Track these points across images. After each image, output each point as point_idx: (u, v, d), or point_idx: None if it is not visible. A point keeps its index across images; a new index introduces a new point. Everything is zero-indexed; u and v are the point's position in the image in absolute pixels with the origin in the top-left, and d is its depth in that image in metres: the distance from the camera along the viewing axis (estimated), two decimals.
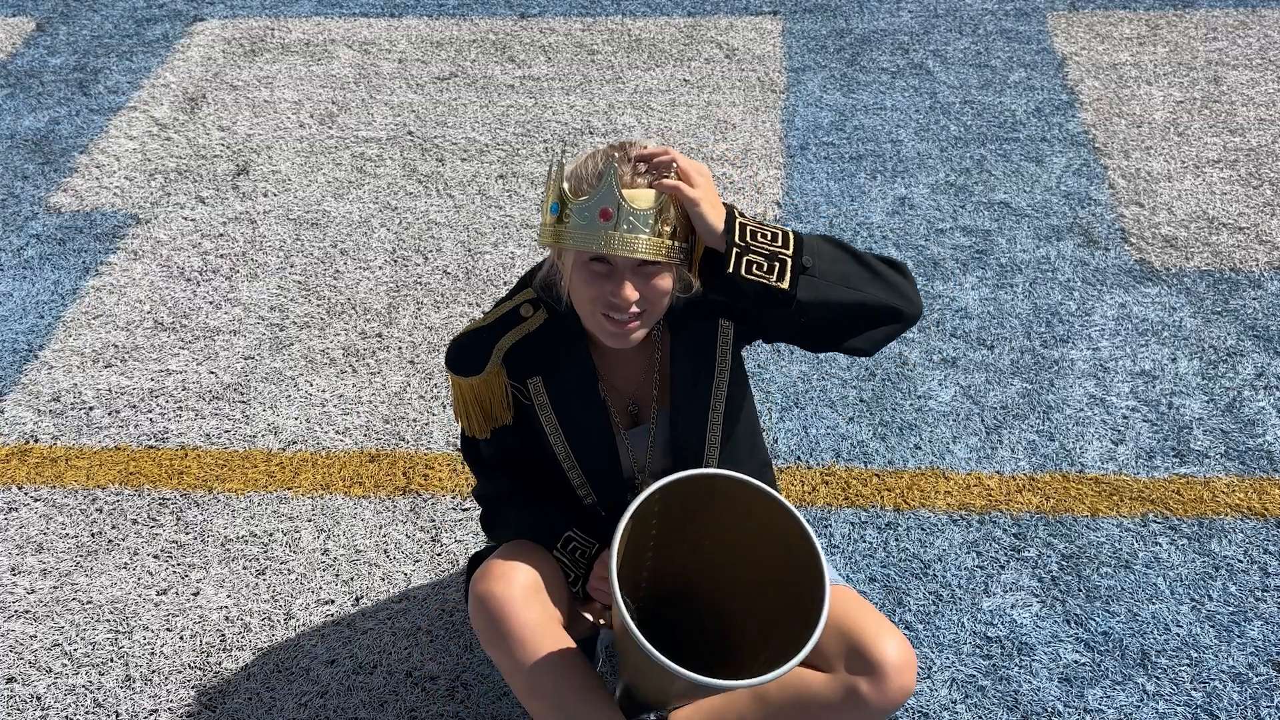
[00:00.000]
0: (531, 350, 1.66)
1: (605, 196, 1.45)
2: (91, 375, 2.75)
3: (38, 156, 3.57)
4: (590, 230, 1.46)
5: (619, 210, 1.45)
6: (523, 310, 1.66)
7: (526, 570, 1.65)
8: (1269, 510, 2.27)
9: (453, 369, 1.68)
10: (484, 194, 3.27)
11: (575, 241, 1.48)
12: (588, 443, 1.72)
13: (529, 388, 1.68)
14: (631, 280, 1.50)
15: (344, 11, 4.24)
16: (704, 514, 1.54)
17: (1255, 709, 1.94)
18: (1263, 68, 3.63)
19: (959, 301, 2.81)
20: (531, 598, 1.63)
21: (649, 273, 1.51)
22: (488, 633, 1.63)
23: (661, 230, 1.47)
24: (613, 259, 1.49)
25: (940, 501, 2.32)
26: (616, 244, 1.45)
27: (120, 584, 2.26)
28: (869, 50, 3.83)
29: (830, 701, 1.60)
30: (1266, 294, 2.79)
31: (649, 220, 1.46)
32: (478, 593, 1.64)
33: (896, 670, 1.58)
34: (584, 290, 1.53)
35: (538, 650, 1.61)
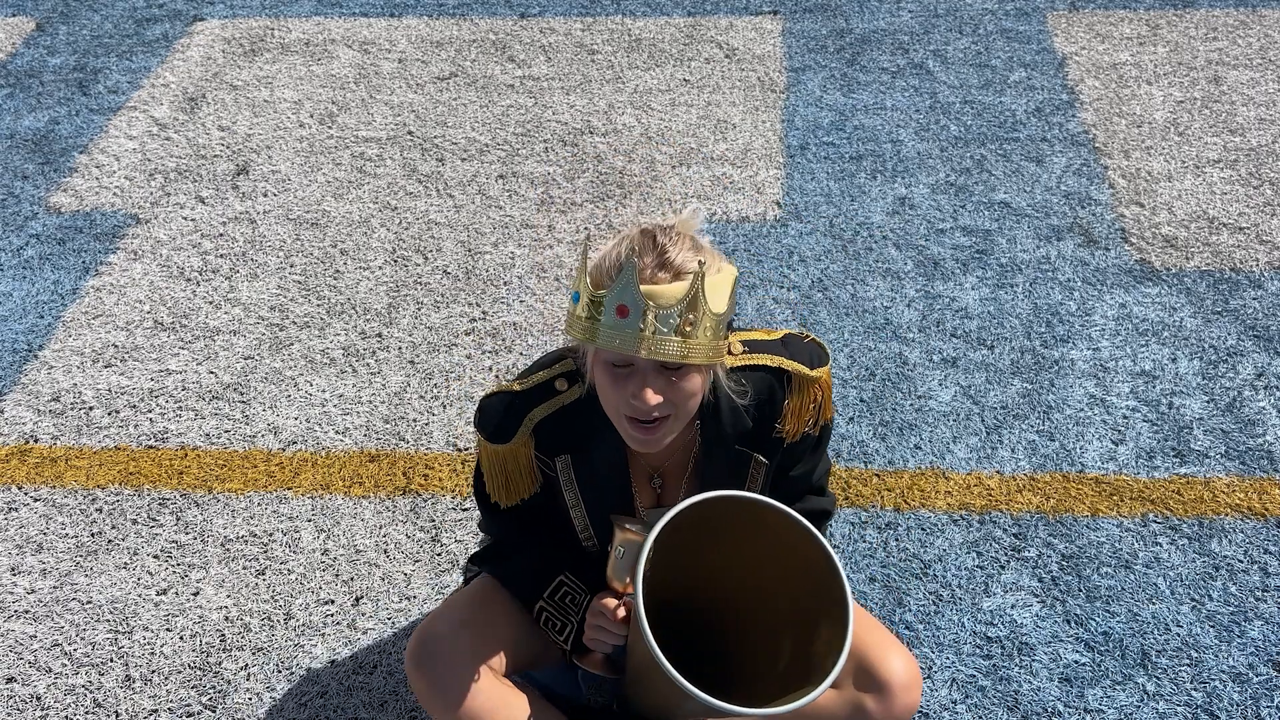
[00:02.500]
0: (562, 425, 1.59)
1: (623, 293, 1.34)
2: (91, 375, 2.75)
3: (38, 156, 3.57)
4: (609, 329, 1.35)
5: (636, 309, 1.33)
6: (558, 384, 1.58)
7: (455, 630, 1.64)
8: (1269, 510, 2.27)
9: (484, 434, 1.61)
10: (484, 194, 3.27)
11: (591, 338, 1.38)
12: (604, 513, 1.67)
13: (556, 463, 1.62)
14: (653, 383, 1.39)
15: (344, 11, 4.24)
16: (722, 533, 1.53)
17: (1255, 709, 1.94)
18: (1263, 68, 3.63)
19: (959, 301, 2.81)
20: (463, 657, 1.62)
21: (674, 373, 1.40)
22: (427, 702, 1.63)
23: (685, 329, 1.35)
24: (633, 361, 1.39)
25: (940, 501, 2.32)
26: (633, 345, 1.34)
27: (120, 584, 2.26)
28: (869, 50, 3.83)
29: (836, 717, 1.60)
30: (1266, 294, 2.79)
31: (670, 319, 1.34)
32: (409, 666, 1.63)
33: (903, 688, 1.58)
34: (608, 391, 1.44)
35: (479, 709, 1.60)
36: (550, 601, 1.69)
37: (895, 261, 2.94)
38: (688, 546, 1.52)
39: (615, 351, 1.37)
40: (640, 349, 1.35)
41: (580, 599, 1.68)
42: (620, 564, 1.57)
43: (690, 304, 1.35)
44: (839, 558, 1.44)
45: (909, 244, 3.00)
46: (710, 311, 1.37)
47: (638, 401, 1.39)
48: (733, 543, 1.55)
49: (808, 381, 1.57)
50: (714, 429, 1.57)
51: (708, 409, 1.55)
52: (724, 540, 1.54)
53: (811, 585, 1.46)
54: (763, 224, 3.09)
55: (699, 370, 1.42)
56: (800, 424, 1.60)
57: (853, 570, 2.19)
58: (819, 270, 2.93)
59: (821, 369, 1.58)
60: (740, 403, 1.55)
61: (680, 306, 1.34)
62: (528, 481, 1.64)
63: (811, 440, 1.64)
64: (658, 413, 1.41)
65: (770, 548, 1.52)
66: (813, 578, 1.46)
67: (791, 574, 1.50)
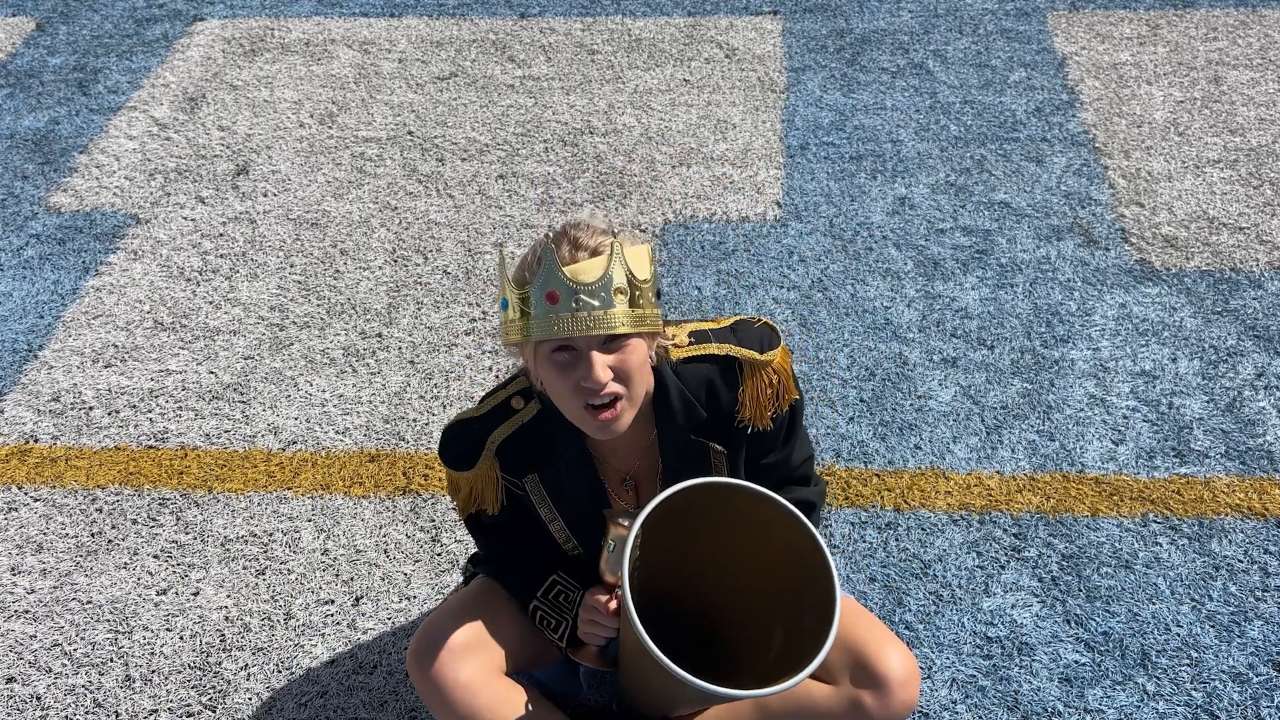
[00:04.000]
0: (524, 444, 1.59)
1: (547, 279, 1.37)
2: (91, 375, 2.75)
3: (38, 156, 3.57)
4: (541, 320, 1.37)
5: (565, 290, 1.36)
6: (514, 402, 1.59)
7: (456, 629, 1.65)
8: (1269, 510, 2.27)
9: (446, 462, 1.62)
10: (484, 194, 3.27)
11: (528, 332, 1.39)
12: (588, 526, 1.67)
13: (525, 484, 1.63)
14: (598, 360, 1.39)
15: (344, 11, 4.24)
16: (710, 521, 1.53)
17: (1255, 709, 1.94)
18: (1263, 68, 3.63)
19: (959, 301, 2.81)
20: (464, 656, 1.62)
21: (615, 347, 1.40)
22: (429, 700, 1.64)
23: (620, 299, 1.38)
24: (573, 343, 1.40)
25: (940, 501, 2.32)
26: (569, 326, 1.36)
27: (120, 584, 2.26)
28: (869, 50, 3.83)
29: (834, 714, 1.60)
30: (1266, 294, 2.79)
31: (598, 293, 1.36)
32: (411, 665, 1.64)
33: (901, 684, 1.58)
34: (557, 384, 1.43)
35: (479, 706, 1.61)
36: (544, 600, 1.69)
37: (895, 261, 2.94)
38: (676, 539, 1.53)
39: (555, 338, 1.38)
40: (576, 328, 1.36)
41: (573, 596, 1.69)
42: (612, 558, 1.58)
43: (613, 273, 1.37)
44: (823, 539, 1.44)
45: (909, 244, 2.99)
46: (635, 278, 1.39)
47: (588, 383, 1.40)
48: (720, 533, 1.55)
49: (759, 366, 1.56)
50: (667, 422, 1.57)
51: (660, 402, 1.55)
52: (711, 531, 1.55)
53: (799, 570, 1.47)
54: (763, 224, 3.09)
55: (640, 340, 1.43)
56: (760, 410, 1.58)
57: (853, 570, 2.19)
58: (819, 270, 2.93)
59: (773, 352, 1.57)
60: (689, 394, 1.55)
61: (604, 279, 1.37)
62: (494, 502, 1.66)
63: (781, 423, 1.62)
64: (610, 390, 1.41)
65: (756, 535, 1.52)
66: (799, 562, 1.46)
67: (778, 560, 1.51)
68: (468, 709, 1.61)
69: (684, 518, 1.49)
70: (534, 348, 1.43)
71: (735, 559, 1.58)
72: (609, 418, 1.44)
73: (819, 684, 1.62)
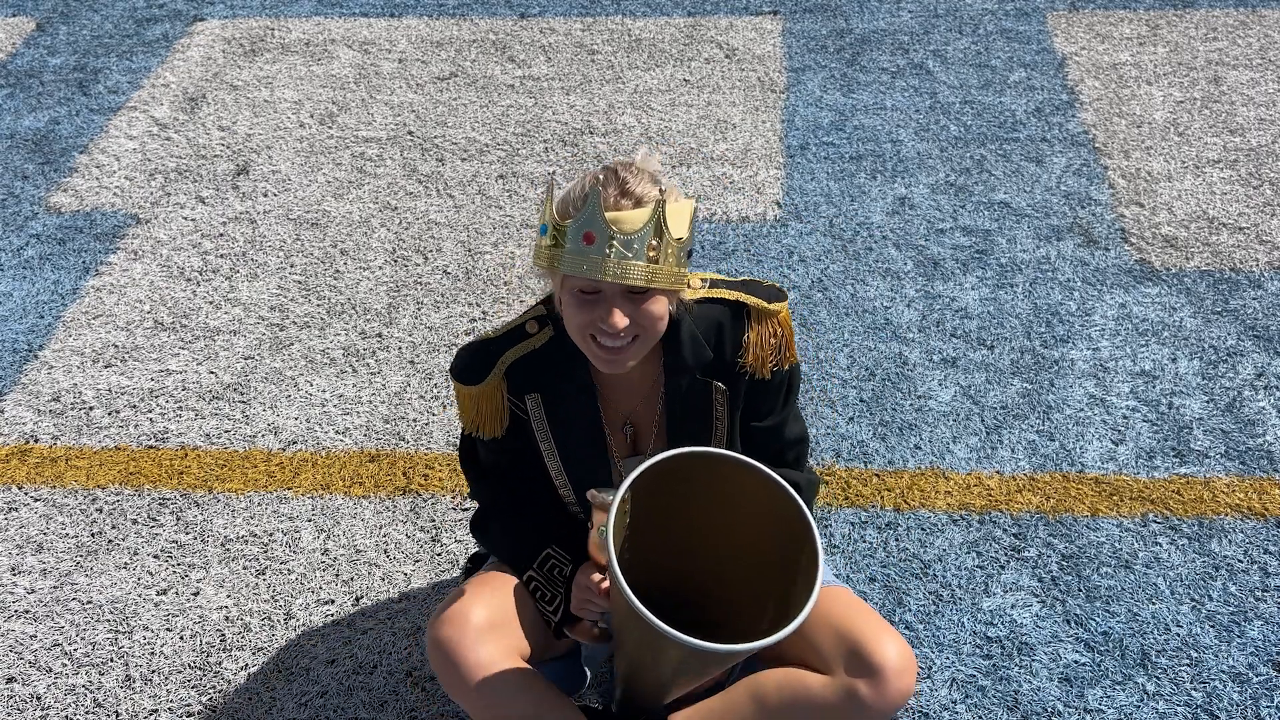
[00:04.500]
0: (533, 367, 1.64)
1: (588, 220, 1.40)
2: (91, 375, 2.75)
3: (38, 156, 3.57)
4: (574, 255, 1.41)
5: (602, 235, 1.40)
6: (529, 326, 1.64)
7: (480, 609, 1.64)
8: (1269, 510, 2.27)
9: (455, 376, 1.67)
10: (484, 194, 3.27)
11: (559, 266, 1.44)
12: (581, 463, 1.70)
13: (527, 404, 1.66)
14: (620, 306, 1.44)
15: (344, 11, 4.24)
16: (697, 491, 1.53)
17: (1255, 709, 1.94)
18: (1263, 68, 3.63)
19: (959, 301, 2.81)
20: (485, 636, 1.62)
21: (638, 298, 1.45)
22: (444, 676, 1.63)
23: (648, 254, 1.41)
24: (599, 285, 1.44)
25: (940, 501, 2.32)
26: (600, 270, 1.40)
27: (120, 584, 2.26)
28: (869, 50, 3.83)
29: (829, 704, 1.60)
30: (1266, 294, 2.79)
31: (636, 244, 1.40)
32: (431, 638, 1.64)
33: (896, 673, 1.58)
34: (574, 316, 1.48)
35: (493, 688, 1.60)
36: (539, 572, 1.70)
37: (895, 261, 2.94)
38: (663, 510, 1.53)
39: (582, 278, 1.43)
40: (606, 274, 1.40)
41: (566, 570, 1.70)
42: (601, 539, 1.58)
43: (653, 229, 1.41)
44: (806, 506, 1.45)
45: (909, 244, 3.00)
46: (672, 238, 1.43)
47: (605, 325, 1.45)
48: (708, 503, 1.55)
49: (767, 314, 1.62)
50: (675, 359, 1.62)
51: (669, 340, 1.60)
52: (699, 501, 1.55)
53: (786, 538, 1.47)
54: (763, 224, 3.10)
55: (663, 295, 1.48)
56: (763, 357, 1.64)
57: (852, 570, 2.19)
58: (819, 270, 2.93)
59: (779, 304, 1.64)
60: (699, 333, 1.61)
61: (643, 232, 1.41)
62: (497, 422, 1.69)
63: (780, 381, 1.67)
64: (625, 335, 1.46)
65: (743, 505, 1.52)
66: (786, 530, 1.46)
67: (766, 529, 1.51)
68: (484, 689, 1.61)
69: (670, 485, 1.49)
70: (561, 277, 1.48)
71: (724, 529, 1.59)
72: (616, 356, 1.50)
73: (814, 674, 1.62)
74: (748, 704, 1.68)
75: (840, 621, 1.63)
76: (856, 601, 1.70)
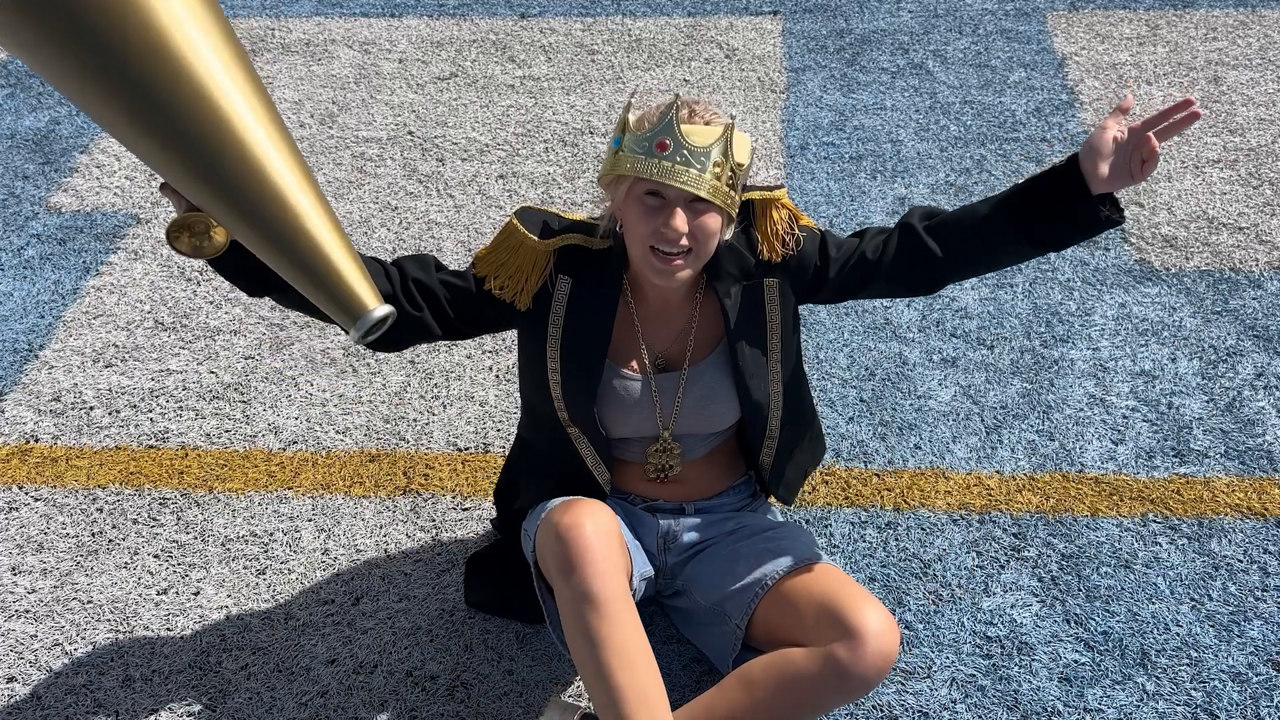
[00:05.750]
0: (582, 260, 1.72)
1: (664, 130, 1.52)
2: (92, 375, 2.75)
3: (38, 156, 3.57)
4: (648, 160, 1.52)
5: (675, 144, 1.51)
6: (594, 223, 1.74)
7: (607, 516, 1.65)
8: (1269, 510, 2.27)
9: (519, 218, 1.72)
10: (484, 194, 3.28)
11: (631, 167, 1.53)
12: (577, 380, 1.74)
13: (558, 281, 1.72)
14: (681, 214, 1.54)
15: (344, 11, 4.24)
16: None
17: (1255, 709, 1.94)
18: (1263, 68, 3.63)
19: (959, 301, 2.81)
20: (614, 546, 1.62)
21: (699, 210, 1.56)
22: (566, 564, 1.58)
23: (716, 171, 1.53)
24: (665, 192, 1.54)
25: (940, 501, 2.32)
26: (669, 175, 1.51)
27: (120, 584, 2.26)
28: (869, 50, 3.84)
29: (812, 673, 1.59)
30: (1266, 294, 2.79)
31: (703, 159, 1.52)
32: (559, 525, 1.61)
33: (875, 634, 1.57)
34: (637, 224, 1.58)
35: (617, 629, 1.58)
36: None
37: None
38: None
39: (652, 180, 1.53)
40: (675, 180, 1.52)
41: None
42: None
43: (720, 149, 1.53)
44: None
45: None
46: (735, 160, 1.55)
47: (667, 230, 1.54)
48: None
49: (769, 202, 1.71)
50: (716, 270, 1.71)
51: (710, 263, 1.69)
52: None
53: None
54: None
55: (719, 213, 1.58)
56: (777, 240, 1.71)
57: (853, 570, 2.20)
58: None
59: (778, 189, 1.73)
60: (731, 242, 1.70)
61: (711, 149, 1.53)
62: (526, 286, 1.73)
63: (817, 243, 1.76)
64: (685, 243, 1.56)
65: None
66: None
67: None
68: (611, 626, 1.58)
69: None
70: (629, 186, 1.57)
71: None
72: (671, 266, 1.59)
73: (799, 649, 1.62)
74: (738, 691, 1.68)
75: (823, 593, 1.66)
76: (841, 575, 1.72)
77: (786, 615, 1.71)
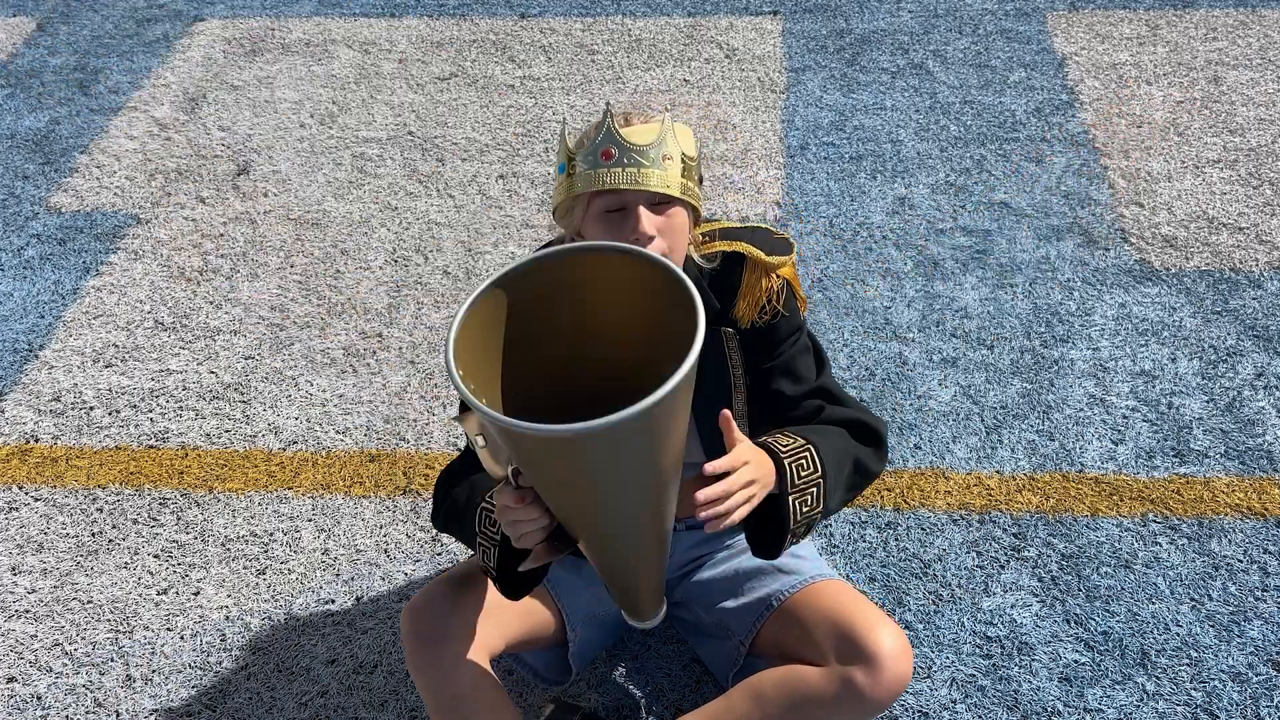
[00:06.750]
0: None
1: (605, 139, 1.49)
2: (92, 375, 2.75)
3: (38, 156, 3.57)
4: (595, 172, 1.49)
5: (620, 149, 1.49)
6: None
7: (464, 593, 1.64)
8: (1269, 510, 2.27)
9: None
10: (484, 194, 3.28)
11: (582, 185, 1.50)
12: None
13: None
14: (645, 214, 1.50)
15: (344, 11, 4.24)
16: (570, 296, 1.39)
17: (1255, 709, 1.94)
18: (1263, 68, 3.63)
19: (959, 301, 2.81)
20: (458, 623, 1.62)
21: (662, 209, 1.52)
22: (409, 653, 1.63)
23: (667, 165, 1.50)
24: (623, 197, 1.51)
25: (940, 501, 2.32)
26: (622, 179, 1.48)
27: (120, 584, 2.26)
28: (869, 50, 3.84)
29: (827, 694, 1.59)
30: (1266, 294, 2.79)
31: (650, 154, 1.49)
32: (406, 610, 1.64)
33: (892, 659, 1.57)
34: (604, 239, 1.52)
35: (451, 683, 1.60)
36: (484, 532, 1.61)
37: (895, 261, 2.94)
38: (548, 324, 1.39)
39: (605, 189, 1.48)
40: (627, 181, 1.48)
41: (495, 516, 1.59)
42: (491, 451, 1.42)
43: (665, 143, 1.50)
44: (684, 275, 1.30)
45: (909, 244, 3.00)
46: (682, 151, 1.52)
47: (637, 236, 1.49)
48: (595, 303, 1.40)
49: (764, 268, 1.65)
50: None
51: None
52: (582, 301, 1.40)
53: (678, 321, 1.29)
54: (763, 224, 3.09)
55: (683, 209, 1.54)
56: (752, 307, 1.65)
57: (852, 570, 2.19)
58: (819, 270, 2.93)
59: (781, 257, 1.66)
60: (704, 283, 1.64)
61: (656, 144, 1.49)
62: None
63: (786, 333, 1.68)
64: (656, 245, 1.50)
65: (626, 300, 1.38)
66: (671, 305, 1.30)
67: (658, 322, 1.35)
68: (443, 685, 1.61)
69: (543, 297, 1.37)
70: (585, 206, 1.52)
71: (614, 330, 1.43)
72: None
73: (810, 667, 1.62)
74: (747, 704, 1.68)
75: (836, 613, 1.64)
76: (852, 593, 1.70)
77: (794, 631, 1.70)
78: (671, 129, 1.52)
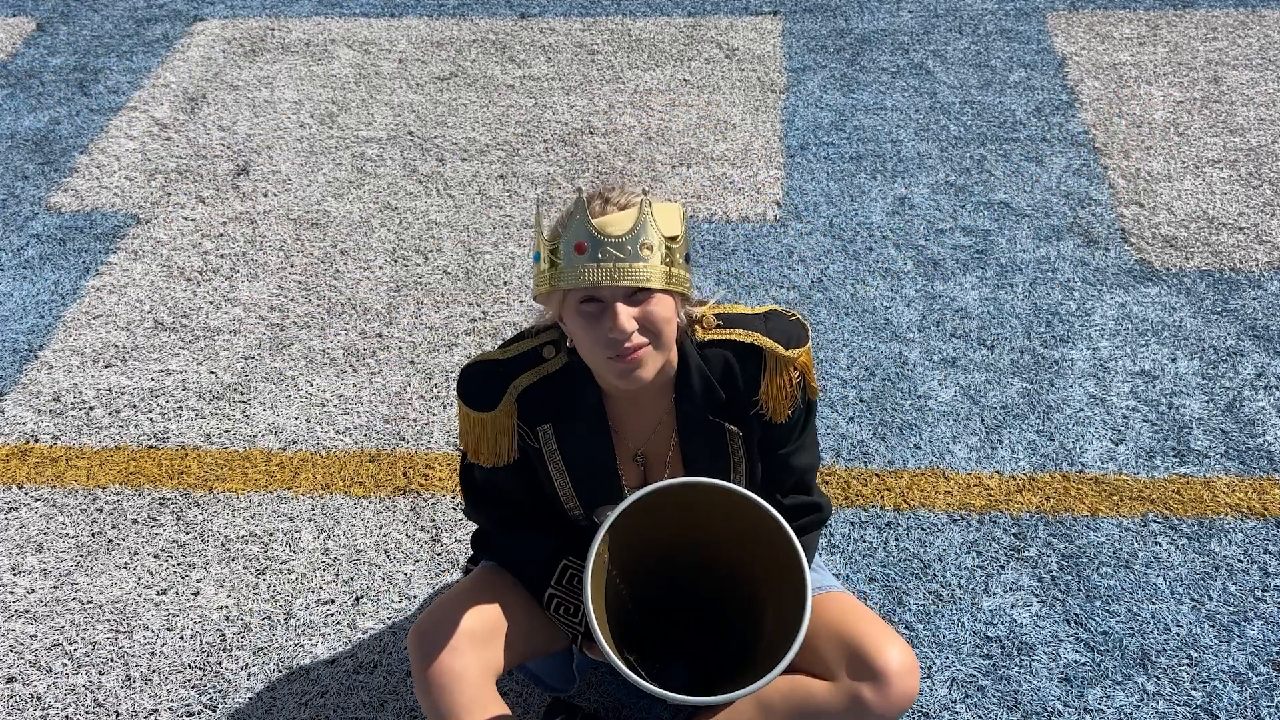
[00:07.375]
0: (546, 394, 1.59)
1: (576, 231, 1.39)
2: (92, 375, 2.75)
3: (38, 156, 3.57)
4: (569, 268, 1.40)
5: (593, 242, 1.39)
6: (545, 351, 1.59)
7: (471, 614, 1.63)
8: (1269, 510, 2.27)
9: (464, 401, 1.61)
10: (484, 194, 3.28)
11: (556, 281, 1.41)
12: (593, 487, 1.67)
13: (538, 434, 1.62)
14: (623, 310, 1.41)
15: (344, 11, 4.24)
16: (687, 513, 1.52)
17: (1255, 709, 1.94)
18: (1263, 68, 3.63)
19: (959, 301, 2.81)
20: (466, 645, 1.61)
21: (641, 299, 1.42)
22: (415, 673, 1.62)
23: (642, 254, 1.39)
24: (598, 294, 1.41)
25: (940, 501, 2.32)
26: (593, 275, 1.39)
27: (120, 584, 2.26)
28: (869, 50, 3.84)
29: (835, 709, 1.60)
30: (1266, 294, 2.79)
31: (626, 246, 1.39)
32: (413, 630, 1.63)
33: (900, 676, 1.58)
34: (583, 335, 1.45)
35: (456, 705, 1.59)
36: (559, 588, 1.68)
37: (895, 261, 2.94)
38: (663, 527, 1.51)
39: (581, 288, 1.41)
40: (601, 278, 1.39)
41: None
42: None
43: (643, 230, 1.40)
44: (800, 544, 1.43)
45: (909, 244, 3.00)
46: (662, 235, 1.41)
47: (614, 333, 1.41)
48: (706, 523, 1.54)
49: (784, 362, 1.58)
50: (687, 400, 1.59)
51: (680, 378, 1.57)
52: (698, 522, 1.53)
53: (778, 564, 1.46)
54: (763, 224, 3.10)
55: (666, 296, 1.45)
56: (779, 404, 1.60)
57: (852, 570, 2.19)
58: (819, 270, 2.93)
59: (798, 349, 1.59)
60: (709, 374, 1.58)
61: (633, 233, 1.39)
62: (509, 448, 1.63)
63: (797, 417, 1.64)
64: (635, 342, 1.42)
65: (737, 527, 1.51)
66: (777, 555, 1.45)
67: (760, 551, 1.50)
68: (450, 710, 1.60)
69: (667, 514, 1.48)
70: (563, 299, 1.45)
71: (721, 548, 1.58)
72: (631, 362, 1.44)
73: (818, 680, 1.62)
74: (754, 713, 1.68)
75: (843, 627, 1.63)
76: (858, 606, 1.70)
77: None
78: (650, 214, 1.41)
